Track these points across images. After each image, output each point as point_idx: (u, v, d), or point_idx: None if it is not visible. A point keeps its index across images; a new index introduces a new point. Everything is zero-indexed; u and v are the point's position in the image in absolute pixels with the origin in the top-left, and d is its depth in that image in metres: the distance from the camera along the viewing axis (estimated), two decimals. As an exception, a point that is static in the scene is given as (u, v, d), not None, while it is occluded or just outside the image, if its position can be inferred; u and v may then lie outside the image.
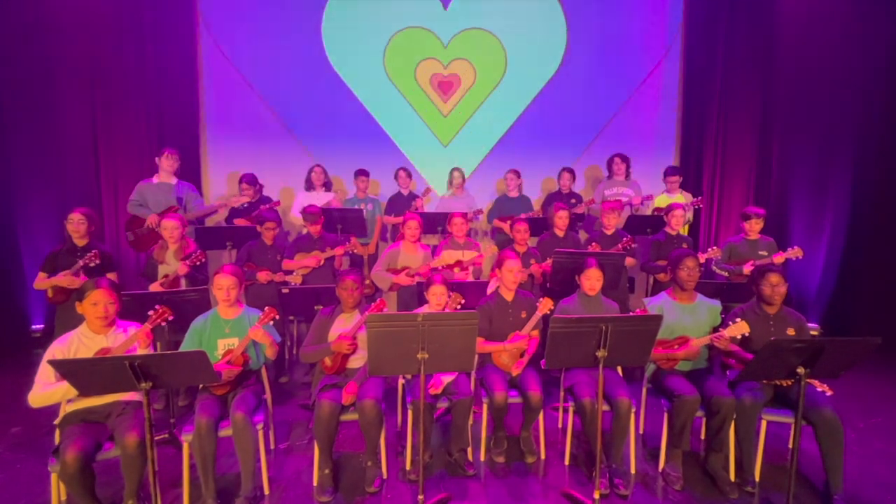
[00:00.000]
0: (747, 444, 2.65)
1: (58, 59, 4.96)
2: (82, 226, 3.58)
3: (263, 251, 4.00)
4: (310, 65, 5.63)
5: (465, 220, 4.09)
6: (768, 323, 2.77)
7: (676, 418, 2.66)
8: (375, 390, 2.65)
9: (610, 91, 5.90)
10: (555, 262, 3.66)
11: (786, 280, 2.74)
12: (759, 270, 2.79)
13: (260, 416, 2.62)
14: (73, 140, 5.12)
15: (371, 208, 5.01)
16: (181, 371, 1.99)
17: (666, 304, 2.90)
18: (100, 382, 1.94)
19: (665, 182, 5.08)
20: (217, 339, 2.67)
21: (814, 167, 5.29)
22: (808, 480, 2.74)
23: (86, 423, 2.33)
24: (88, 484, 2.20)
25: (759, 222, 3.99)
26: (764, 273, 2.75)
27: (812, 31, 5.23)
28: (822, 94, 5.19)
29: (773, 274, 2.73)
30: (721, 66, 5.70)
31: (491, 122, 5.91)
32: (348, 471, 2.83)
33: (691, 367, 2.89)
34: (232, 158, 5.62)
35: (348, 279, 2.86)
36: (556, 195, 5.14)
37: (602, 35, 5.83)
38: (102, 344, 2.46)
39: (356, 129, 5.75)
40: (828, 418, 2.47)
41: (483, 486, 2.72)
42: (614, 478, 2.67)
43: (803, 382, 2.15)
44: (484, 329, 3.02)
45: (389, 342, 2.17)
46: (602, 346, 2.22)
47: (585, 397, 2.69)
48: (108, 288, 2.49)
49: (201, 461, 2.38)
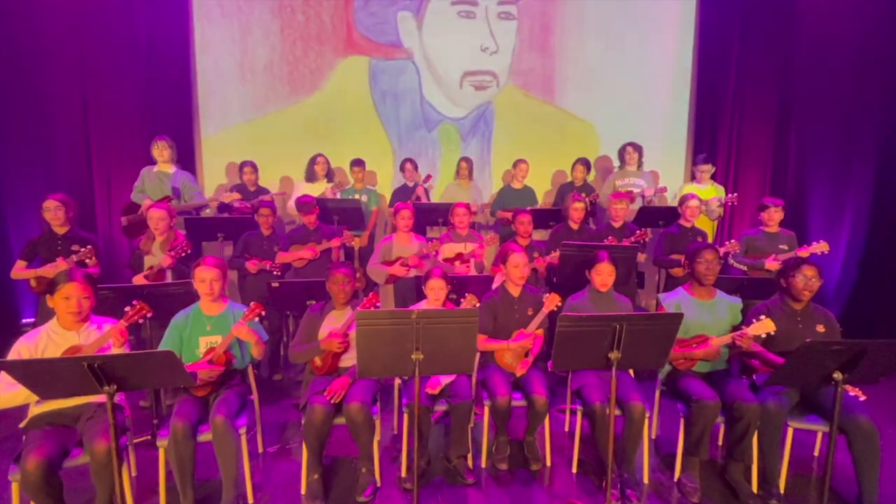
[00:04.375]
0: (771, 453, 2.44)
1: (47, 44, 4.77)
2: (60, 212, 3.41)
3: (260, 242, 3.83)
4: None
5: (469, 211, 3.88)
6: (795, 319, 2.56)
7: (694, 425, 2.46)
8: (364, 393, 2.46)
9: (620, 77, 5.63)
10: (562, 256, 3.45)
11: (821, 276, 2.52)
12: (795, 262, 2.57)
13: (243, 419, 2.43)
14: (63, 128, 4.93)
15: (367, 199, 4.81)
16: (149, 373, 1.81)
17: (683, 301, 2.69)
18: (59, 385, 1.75)
19: (695, 171, 4.81)
20: (199, 336, 2.49)
21: (833, 157, 5.02)
22: (837, 493, 2.53)
23: (52, 428, 2.15)
24: (55, 494, 2.02)
25: (779, 212, 3.76)
26: (800, 265, 2.54)
27: (833, 16, 4.95)
28: (842, 81, 4.91)
29: (809, 266, 2.52)
30: (737, 51, 5.41)
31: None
32: (340, 477, 2.65)
33: (710, 369, 2.68)
34: (229, 146, 5.42)
35: (339, 273, 2.66)
36: (567, 187, 4.92)
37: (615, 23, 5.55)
38: (73, 341, 2.28)
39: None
40: (863, 426, 2.25)
41: (484, 495, 2.52)
42: (626, 488, 2.47)
43: (840, 389, 1.94)
44: (488, 326, 2.82)
45: (381, 341, 1.97)
46: (615, 348, 2.01)
47: (595, 401, 2.49)
48: (82, 281, 2.31)
49: (178, 468, 2.21)
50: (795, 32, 5.22)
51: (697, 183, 4.77)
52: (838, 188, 5.02)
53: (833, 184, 5.05)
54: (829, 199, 5.08)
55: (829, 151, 5.06)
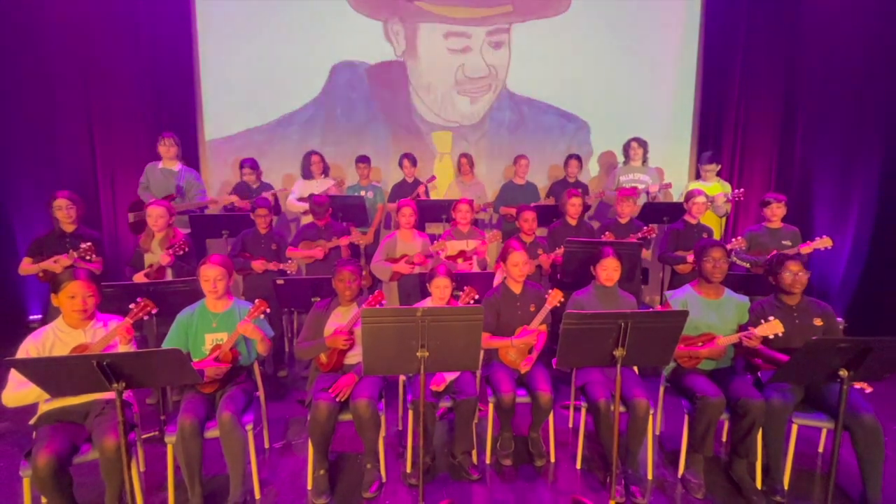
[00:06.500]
0: (776, 450, 2.44)
1: (51, 44, 4.77)
2: (72, 211, 3.43)
3: (258, 240, 3.82)
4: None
5: (471, 208, 3.88)
6: (792, 315, 2.55)
7: (699, 422, 2.46)
8: (371, 389, 2.47)
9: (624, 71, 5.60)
10: (566, 252, 3.45)
11: (807, 268, 2.52)
12: (778, 259, 2.58)
13: (250, 415, 2.45)
14: (67, 127, 4.94)
15: (371, 196, 4.81)
16: (157, 370, 1.82)
17: (690, 299, 2.68)
18: (69, 383, 1.77)
19: (700, 170, 4.78)
20: (204, 333, 2.50)
21: (839, 153, 4.98)
22: (841, 489, 2.53)
23: (61, 424, 2.17)
24: (64, 489, 2.05)
25: (781, 207, 3.74)
26: (783, 261, 2.54)
27: (838, 12, 4.89)
28: (848, 76, 4.86)
29: (793, 261, 2.53)
30: (742, 47, 5.37)
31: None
32: (346, 472, 2.67)
33: (714, 366, 2.68)
34: (233, 143, 5.42)
35: (345, 270, 2.67)
36: (561, 183, 4.91)
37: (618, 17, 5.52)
38: (80, 339, 2.30)
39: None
40: (868, 424, 2.25)
41: (488, 490, 2.54)
42: (630, 484, 2.48)
43: (845, 386, 1.94)
44: (490, 324, 2.83)
45: (386, 339, 1.98)
46: (620, 345, 2.02)
47: (600, 398, 2.49)
48: (86, 279, 2.32)
49: (186, 465, 2.23)
50: (801, 28, 5.17)
51: (703, 182, 4.74)
52: (844, 184, 4.98)
53: (839, 179, 5.01)
54: (835, 194, 5.04)
55: (834, 147, 5.01)
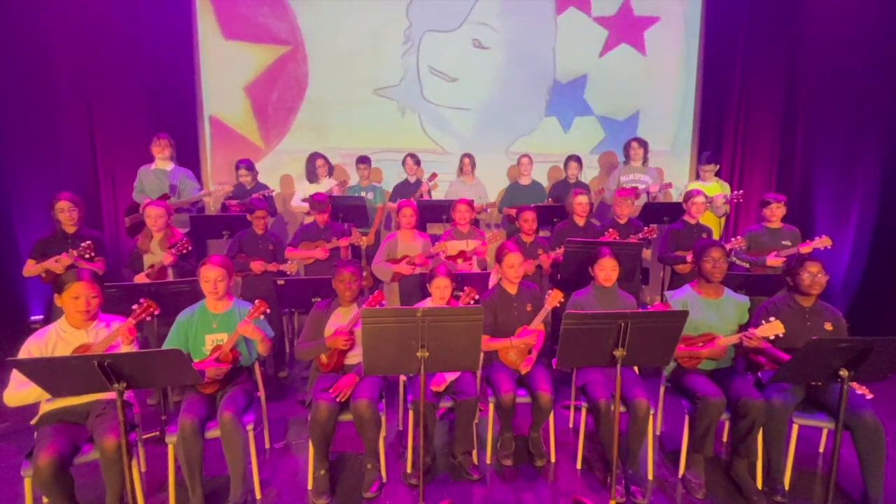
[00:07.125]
0: (776, 450, 2.44)
1: (51, 45, 4.77)
2: (74, 213, 3.44)
3: (255, 241, 3.82)
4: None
5: (471, 208, 3.88)
6: (803, 317, 2.55)
7: (699, 422, 2.46)
8: (371, 389, 2.48)
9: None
10: (566, 252, 3.45)
11: (826, 270, 2.51)
12: (798, 259, 2.57)
13: (250, 416, 2.46)
14: (68, 128, 4.95)
15: (371, 196, 4.81)
16: (158, 371, 1.83)
17: (690, 299, 2.68)
18: (69, 383, 1.78)
19: (699, 170, 4.78)
20: (205, 334, 2.51)
21: (840, 153, 4.97)
22: (842, 489, 2.53)
23: (63, 424, 2.18)
24: (66, 489, 2.05)
25: (781, 207, 3.74)
26: (803, 262, 2.53)
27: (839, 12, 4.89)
28: (848, 76, 4.85)
29: (813, 263, 2.51)
30: (742, 47, 5.37)
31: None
32: (347, 472, 2.67)
33: (715, 366, 2.68)
34: (233, 144, 5.43)
35: (345, 271, 2.67)
36: (562, 184, 4.92)
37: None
38: (82, 339, 2.30)
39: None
40: (868, 423, 2.25)
41: (489, 490, 2.54)
42: (630, 484, 2.48)
43: (846, 386, 1.94)
44: (488, 325, 2.82)
45: (386, 339, 1.99)
46: (620, 345, 2.02)
47: (600, 398, 2.49)
48: (89, 280, 2.33)
49: (186, 465, 2.23)
50: (801, 28, 5.17)
51: (702, 182, 4.74)
52: (845, 184, 4.97)
53: (839, 179, 5.00)
54: (836, 194, 5.03)
55: (835, 147, 5.01)
